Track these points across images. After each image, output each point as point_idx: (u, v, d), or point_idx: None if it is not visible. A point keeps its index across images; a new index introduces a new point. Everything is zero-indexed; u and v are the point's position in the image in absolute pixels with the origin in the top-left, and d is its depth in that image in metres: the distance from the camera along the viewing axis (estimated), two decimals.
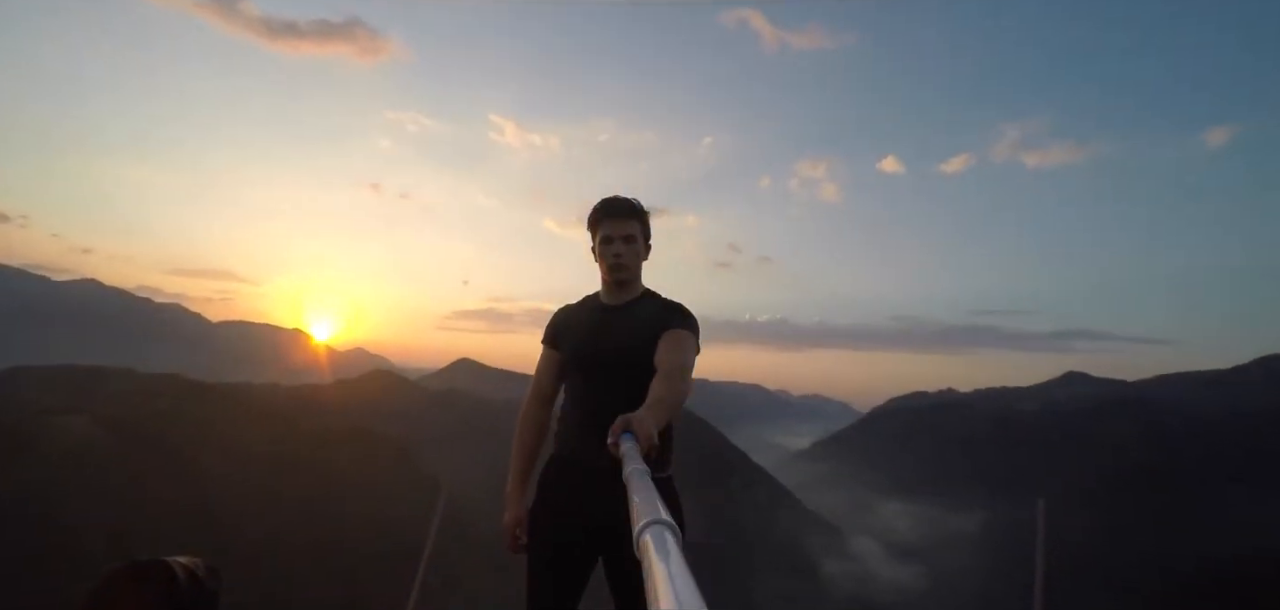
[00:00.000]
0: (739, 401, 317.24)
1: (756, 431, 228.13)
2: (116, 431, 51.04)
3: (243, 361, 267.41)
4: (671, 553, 0.82)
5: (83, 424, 50.46)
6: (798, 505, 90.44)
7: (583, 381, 2.17)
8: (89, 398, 55.65)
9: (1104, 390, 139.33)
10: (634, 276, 2.16)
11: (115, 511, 44.07)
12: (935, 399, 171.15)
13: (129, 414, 54.29)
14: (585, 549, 2.10)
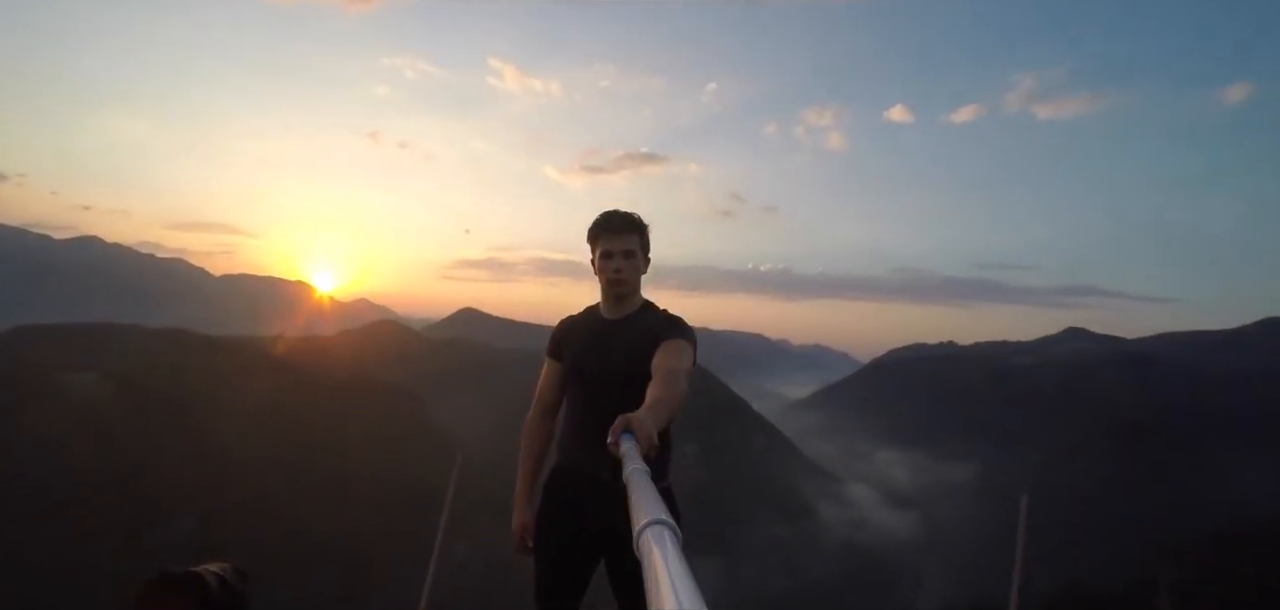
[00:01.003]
0: (740, 350, 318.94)
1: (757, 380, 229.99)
2: (126, 387, 51.91)
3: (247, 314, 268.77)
4: (671, 552, 0.83)
5: (92, 381, 51.27)
6: (796, 453, 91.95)
7: (583, 393, 2.24)
8: (97, 354, 56.29)
9: (1103, 347, 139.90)
10: (633, 290, 2.23)
11: (126, 465, 45.11)
12: (934, 351, 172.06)
13: (137, 369, 55.08)
14: (587, 551, 2.21)
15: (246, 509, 46.21)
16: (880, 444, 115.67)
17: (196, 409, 54.21)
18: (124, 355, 58.45)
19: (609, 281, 2.18)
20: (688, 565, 0.84)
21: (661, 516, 0.84)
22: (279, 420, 57.03)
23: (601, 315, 2.27)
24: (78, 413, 47.32)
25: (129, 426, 48.18)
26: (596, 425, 1.88)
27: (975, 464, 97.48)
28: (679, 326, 2.16)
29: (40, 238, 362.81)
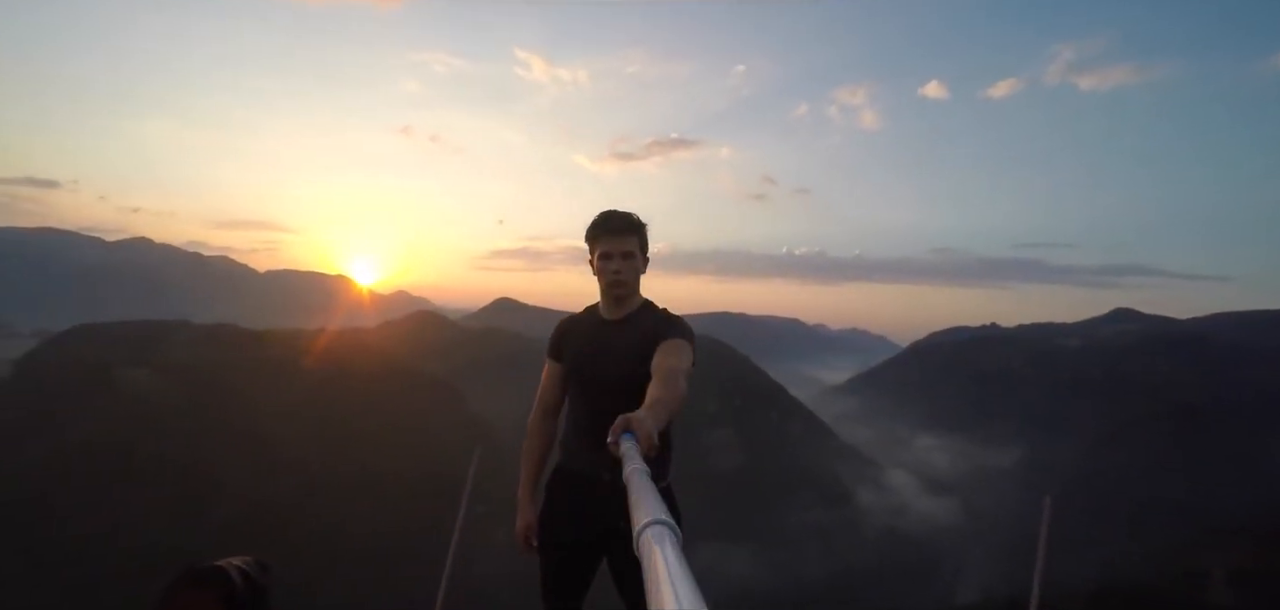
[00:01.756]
0: (776, 335, 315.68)
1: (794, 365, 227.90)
2: (179, 381, 53.80)
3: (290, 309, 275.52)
4: (671, 553, 0.84)
5: (145, 376, 53.30)
6: (833, 438, 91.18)
7: (583, 393, 2.26)
8: (149, 350, 58.33)
9: (1153, 327, 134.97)
10: (632, 291, 2.24)
11: (181, 452, 46.81)
12: (976, 333, 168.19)
13: (187, 364, 57.05)
14: (590, 550, 2.24)
15: (292, 495, 47.66)
16: (920, 429, 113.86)
17: (243, 400, 55.95)
18: (174, 351, 60.50)
19: (608, 283, 2.19)
20: (688, 565, 0.84)
21: (661, 517, 0.84)
22: (322, 410, 58.52)
23: (601, 315, 2.28)
24: (132, 406, 49.28)
25: (180, 418, 49.99)
26: (596, 425, 1.94)
27: (1018, 450, 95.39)
28: (678, 326, 2.16)
29: (93, 240, 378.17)
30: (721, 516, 63.47)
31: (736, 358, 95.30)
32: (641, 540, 0.84)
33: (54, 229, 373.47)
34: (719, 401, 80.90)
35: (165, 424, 48.74)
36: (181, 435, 48.31)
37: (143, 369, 54.02)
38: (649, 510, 0.84)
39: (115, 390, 50.64)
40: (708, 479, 70.10)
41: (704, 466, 72.13)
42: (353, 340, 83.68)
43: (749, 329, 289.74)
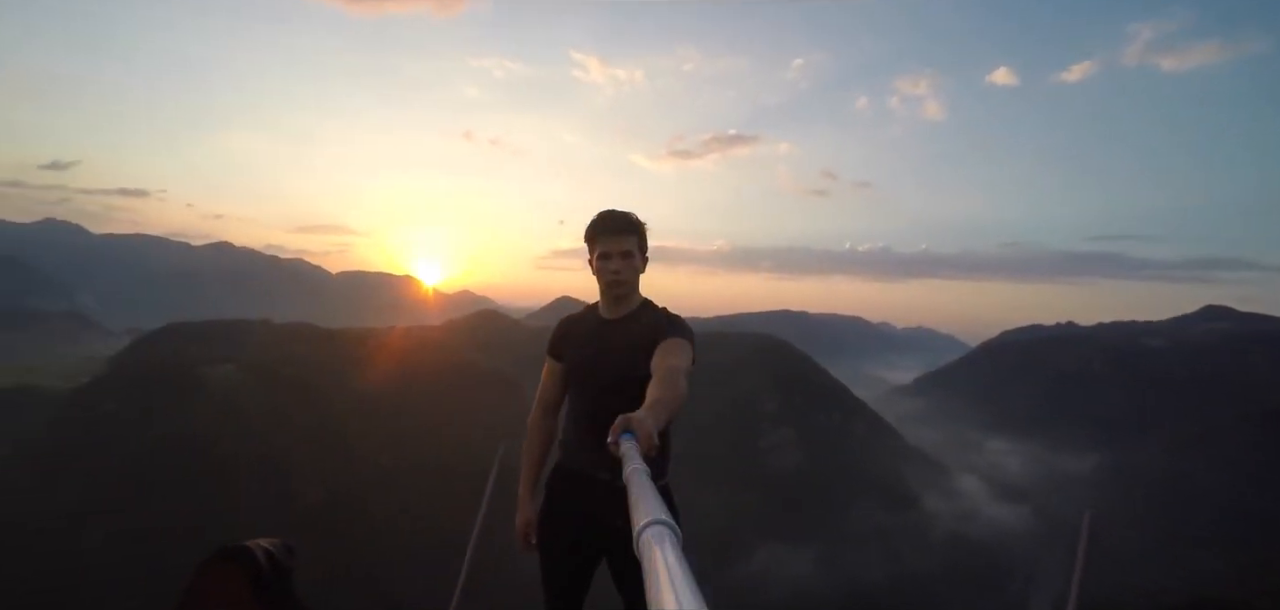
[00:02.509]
0: (839, 334, 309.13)
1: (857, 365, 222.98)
2: (259, 377, 56.60)
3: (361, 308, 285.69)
4: (671, 553, 0.84)
5: (229, 371, 56.24)
6: (899, 440, 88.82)
7: (582, 393, 2.27)
8: (233, 348, 61.52)
9: (1247, 326, 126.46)
10: (632, 290, 2.25)
11: (263, 445, 49.28)
12: (1052, 332, 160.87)
13: (268, 360, 59.99)
14: (589, 549, 2.25)
15: (365, 485, 49.62)
16: (991, 432, 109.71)
17: (319, 395, 58.46)
18: (256, 348, 63.67)
19: (607, 282, 2.20)
20: (688, 565, 0.84)
21: (662, 517, 0.84)
22: (391, 405, 60.64)
23: (601, 315, 2.29)
24: (218, 400, 52.10)
25: (260, 412, 52.60)
26: (596, 424, 2.03)
27: (1096, 455, 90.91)
28: (678, 325, 2.17)
29: (180, 245, 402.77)
30: (781, 517, 62.85)
31: (797, 356, 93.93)
32: (641, 540, 0.84)
33: (145, 235, 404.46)
34: (779, 401, 79.98)
35: (247, 418, 51.41)
36: (262, 428, 50.88)
37: (227, 365, 57.06)
38: (649, 510, 0.85)
39: (201, 385, 53.64)
40: (767, 479, 69.49)
41: (764, 466, 71.53)
42: (419, 338, 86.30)
43: (810, 327, 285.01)
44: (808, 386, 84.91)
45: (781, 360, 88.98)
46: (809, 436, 76.53)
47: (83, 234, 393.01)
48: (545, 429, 2.44)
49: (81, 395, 55.55)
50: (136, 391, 52.85)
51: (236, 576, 2.11)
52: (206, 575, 2.13)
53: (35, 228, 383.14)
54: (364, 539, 44.52)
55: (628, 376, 2.05)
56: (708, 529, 59.36)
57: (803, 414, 79.24)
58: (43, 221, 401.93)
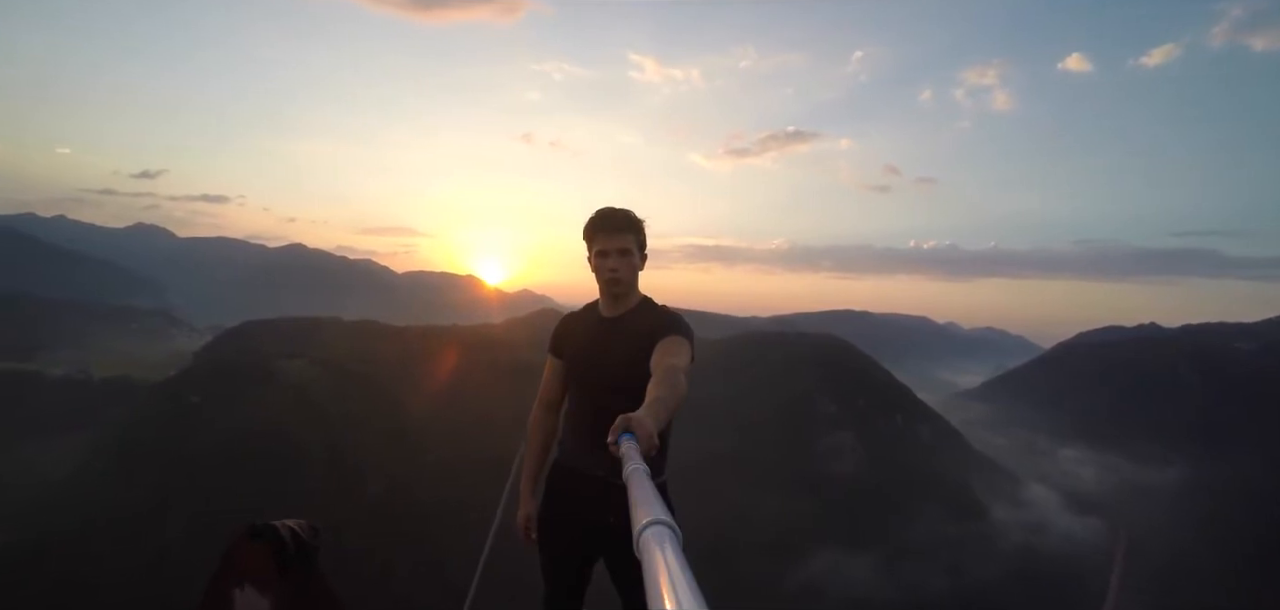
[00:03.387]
0: (903, 334, 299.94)
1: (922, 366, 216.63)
2: (330, 372, 58.93)
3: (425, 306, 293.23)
4: (671, 553, 0.83)
5: (302, 366, 58.72)
6: (965, 446, 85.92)
7: (581, 391, 2.28)
8: (306, 344, 64.19)
9: None
10: (630, 288, 2.26)
11: (333, 436, 51.29)
12: (1132, 334, 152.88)
13: (338, 356, 62.39)
14: (586, 548, 2.27)
15: (427, 475, 51.10)
16: (1064, 440, 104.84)
17: (387, 389, 60.46)
18: (327, 344, 66.28)
19: (605, 280, 2.22)
20: (688, 565, 0.84)
21: (662, 517, 0.84)
22: (455, 399, 62.21)
23: (600, 313, 2.30)
24: (292, 393, 54.47)
25: (331, 406, 54.74)
26: (594, 422, 2.08)
27: (1178, 467, 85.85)
28: (677, 324, 2.18)
29: (257, 247, 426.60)
30: (839, 523, 61.64)
31: (859, 357, 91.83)
32: (642, 540, 0.83)
33: (226, 238, 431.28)
34: (839, 403, 78.45)
35: (318, 409, 53.59)
36: (331, 420, 52.96)
37: (299, 361, 59.60)
38: (649, 510, 0.84)
39: (276, 379, 56.16)
40: (825, 483, 68.27)
41: (822, 470, 70.31)
42: (481, 335, 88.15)
43: (872, 327, 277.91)
44: (869, 389, 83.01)
45: (842, 361, 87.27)
46: (870, 440, 74.84)
47: (170, 237, 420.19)
48: (546, 425, 2.48)
49: (168, 387, 59.16)
50: (218, 384, 55.74)
51: (263, 552, 2.30)
52: (236, 550, 2.34)
53: (127, 232, 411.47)
54: (425, 528, 45.87)
55: (626, 374, 2.05)
56: (762, 532, 58.77)
57: (864, 417, 77.54)
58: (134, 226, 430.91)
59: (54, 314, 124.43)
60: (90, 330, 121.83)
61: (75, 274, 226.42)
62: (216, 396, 53.57)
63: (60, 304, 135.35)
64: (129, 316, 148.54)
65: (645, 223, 2.27)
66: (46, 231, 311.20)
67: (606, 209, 2.21)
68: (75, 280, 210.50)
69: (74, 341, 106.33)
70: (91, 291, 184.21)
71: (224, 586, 2.32)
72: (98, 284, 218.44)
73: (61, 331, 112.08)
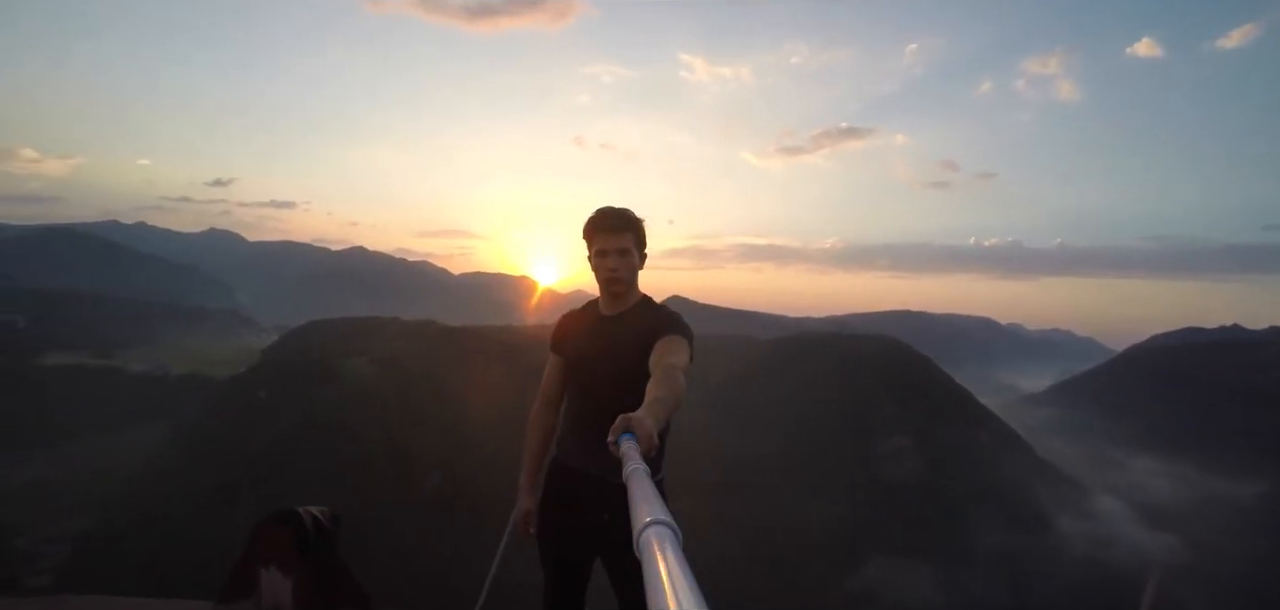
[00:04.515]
0: (964, 336, 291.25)
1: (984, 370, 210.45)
2: (390, 368, 60.59)
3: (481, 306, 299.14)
4: (672, 553, 0.83)
5: (364, 364, 60.52)
6: (1029, 453, 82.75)
7: (580, 388, 2.28)
8: (367, 343, 66.11)
9: None
10: (629, 287, 2.26)
11: (392, 430, 52.75)
12: (1213, 336, 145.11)
13: (398, 354, 64.08)
14: (585, 546, 2.26)
15: (482, 469, 52.02)
16: (1136, 449, 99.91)
17: (444, 387, 61.83)
18: (387, 343, 68.10)
19: (604, 279, 2.22)
20: (688, 565, 0.84)
21: (662, 517, 0.84)
22: (508, 398, 62.98)
23: (599, 311, 2.31)
24: (353, 389, 56.21)
25: (392, 400, 56.29)
26: (593, 420, 2.10)
27: (1261, 480, 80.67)
28: (676, 323, 2.16)
29: (321, 250, 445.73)
30: (896, 530, 60.17)
31: (917, 359, 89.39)
32: (642, 540, 0.83)
33: (291, 241, 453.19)
34: (897, 406, 76.58)
35: (378, 406, 55.17)
36: (390, 416, 54.47)
37: (361, 359, 61.48)
38: (650, 510, 0.84)
39: (339, 377, 58.04)
40: (882, 489, 66.71)
41: (878, 475, 68.74)
42: (534, 335, 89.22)
43: (932, 328, 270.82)
44: (928, 392, 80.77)
45: (899, 363, 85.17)
46: (928, 446, 72.81)
47: (240, 241, 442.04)
48: (545, 422, 2.47)
49: (238, 382, 61.92)
50: (284, 380, 58.02)
51: (286, 536, 2.47)
52: (263, 533, 2.50)
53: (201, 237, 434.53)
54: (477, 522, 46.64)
55: (625, 372, 2.05)
56: (816, 536, 57.80)
57: (922, 421, 75.48)
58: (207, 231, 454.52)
59: (134, 314, 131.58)
60: (167, 329, 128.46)
61: (154, 276, 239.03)
62: (283, 392, 55.73)
63: (140, 304, 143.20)
64: (202, 316, 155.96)
65: (644, 222, 2.26)
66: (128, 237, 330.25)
67: (605, 208, 2.21)
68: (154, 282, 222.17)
69: (152, 339, 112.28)
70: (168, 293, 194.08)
71: (251, 566, 2.47)
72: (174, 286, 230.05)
73: (141, 330, 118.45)
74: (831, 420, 74.42)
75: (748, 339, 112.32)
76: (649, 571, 0.83)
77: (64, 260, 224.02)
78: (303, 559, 2.47)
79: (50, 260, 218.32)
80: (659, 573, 0.83)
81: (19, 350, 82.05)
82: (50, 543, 45.43)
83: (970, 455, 74.90)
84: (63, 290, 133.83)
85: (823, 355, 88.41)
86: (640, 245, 2.25)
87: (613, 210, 2.20)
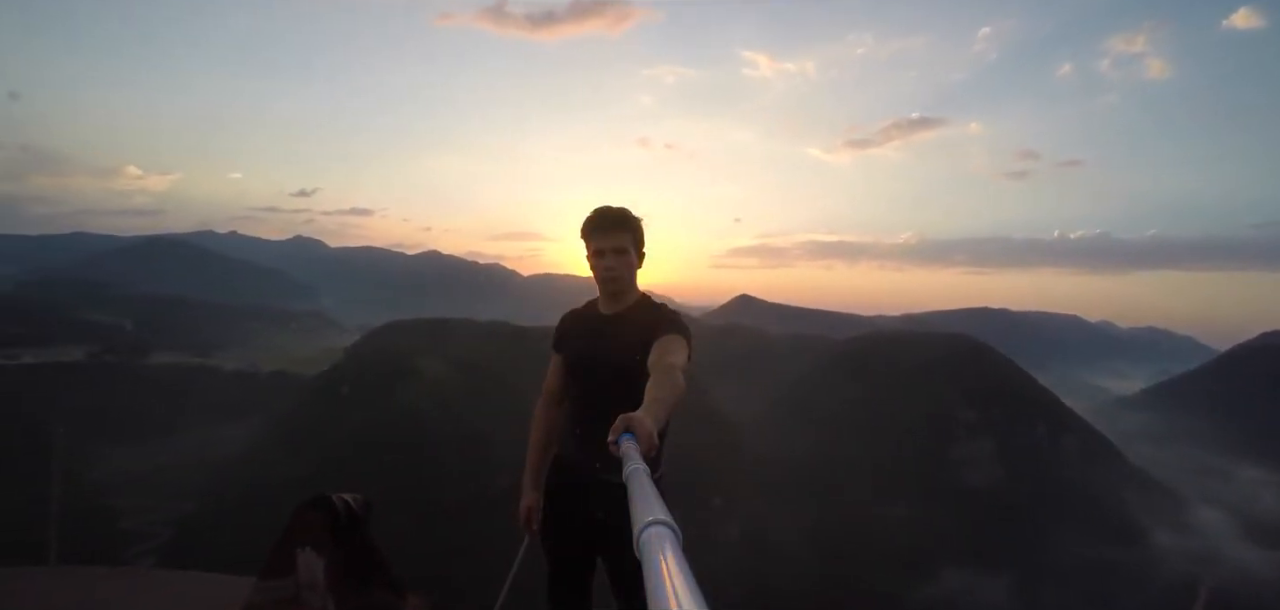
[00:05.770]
0: (1049, 334, 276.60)
1: (1071, 371, 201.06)
2: (463, 368, 62.40)
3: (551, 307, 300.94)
4: (672, 553, 0.83)
5: (438, 364, 62.53)
6: (1121, 461, 78.20)
7: (579, 387, 2.31)
8: (441, 343, 68.23)
9: None
10: (627, 286, 2.27)
11: (464, 427, 54.31)
12: None
13: (470, 355, 65.90)
14: (584, 544, 2.26)
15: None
16: (1242, 457, 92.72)
17: (515, 386, 63.06)
18: (460, 343, 70.07)
19: (602, 278, 2.24)
20: (689, 565, 0.83)
21: (662, 517, 0.83)
22: None
23: (598, 310, 2.34)
24: (428, 387, 58.23)
25: (465, 399, 57.94)
26: (591, 418, 2.14)
27: None
28: (674, 322, 2.16)
29: (397, 255, 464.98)
30: (974, 539, 57.95)
31: (998, 360, 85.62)
32: (643, 539, 0.83)
33: (370, 246, 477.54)
34: (976, 410, 73.61)
35: (451, 403, 56.95)
36: (463, 413, 56.08)
37: (435, 358, 63.51)
38: (650, 510, 0.85)
39: (415, 375, 60.19)
40: (959, 496, 64.35)
41: (955, 481, 66.33)
42: None
43: (1014, 327, 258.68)
44: (1009, 394, 77.25)
45: (979, 364, 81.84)
46: (1010, 451, 69.79)
47: (323, 247, 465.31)
48: (548, 419, 2.51)
49: (322, 379, 65.22)
50: (364, 377, 60.62)
51: (320, 520, 2.67)
52: (299, 517, 2.71)
53: (288, 243, 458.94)
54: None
55: (623, 370, 2.07)
56: (886, 544, 56.22)
57: (1003, 425, 72.37)
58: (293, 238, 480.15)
59: (228, 317, 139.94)
60: (257, 330, 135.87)
61: (245, 282, 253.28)
62: (362, 389, 58.24)
63: (233, 308, 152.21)
64: (289, 318, 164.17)
65: (642, 221, 2.28)
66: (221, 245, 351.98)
67: (603, 208, 2.24)
68: (245, 287, 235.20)
69: (244, 340, 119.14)
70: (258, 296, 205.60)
71: (288, 547, 2.69)
72: (263, 290, 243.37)
73: (234, 331, 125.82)
74: (906, 423, 72.20)
75: (819, 338, 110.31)
76: (649, 571, 0.83)
77: (165, 268, 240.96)
78: (335, 541, 2.65)
79: (153, 268, 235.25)
80: (659, 573, 0.83)
81: (128, 351, 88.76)
82: (154, 525, 49.20)
83: (1054, 462, 71.40)
84: (165, 295, 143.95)
85: (897, 355, 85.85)
86: (638, 245, 2.27)
87: (609, 210, 2.23)
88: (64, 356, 79.93)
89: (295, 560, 2.66)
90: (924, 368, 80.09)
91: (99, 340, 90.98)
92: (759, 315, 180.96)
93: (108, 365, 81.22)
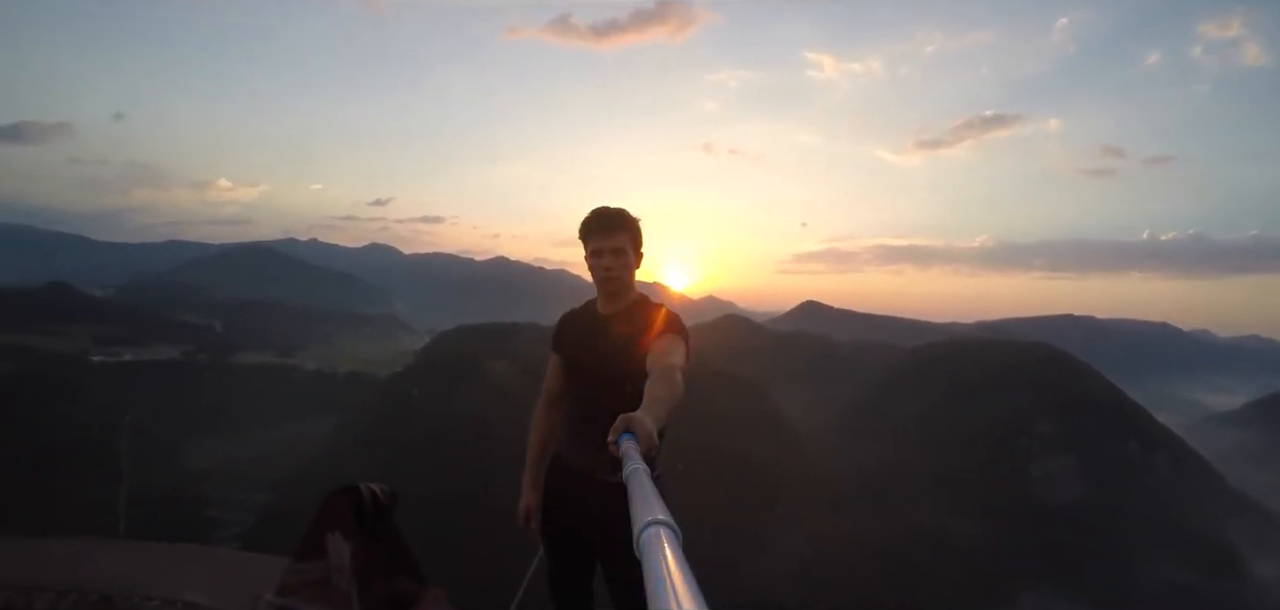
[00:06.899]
0: (1138, 344, 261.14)
1: (1163, 384, 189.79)
2: (529, 371, 63.42)
3: None
4: (672, 552, 0.83)
5: (504, 367, 63.87)
6: (1218, 481, 73.11)
7: (577, 387, 2.33)
8: (508, 346, 69.66)
9: None
10: (625, 286, 2.28)
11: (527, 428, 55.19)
12: None
13: (537, 358, 66.71)
14: (583, 543, 2.28)
15: None
16: None
17: None
18: (527, 346, 71.15)
19: (600, 279, 2.24)
20: (689, 565, 0.83)
21: (662, 516, 0.84)
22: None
23: (597, 310, 2.34)
24: (495, 389, 59.58)
25: (529, 400, 58.15)
26: (590, 418, 2.15)
27: None
28: (672, 322, 2.18)
29: (466, 261, 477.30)
30: (1054, 559, 55.25)
31: (1081, 370, 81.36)
32: (643, 539, 0.83)
33: (441, 253, 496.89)
34: (1058, 423, 70.16)
35: (517, 404, 57.87)
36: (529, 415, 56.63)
37: (502, 361, 64.92)
38: (650, 510, 0.84)
39: (482, 377, 61.69)
40: (1038, 514, 61.43)
41: (1034, 499, 63.36)
42: None
43: (1099, 335, 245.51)
44: (1093, 407, 73.26)
45: (1059, 374, 78.04)
46: (1094, 468, 66.21)
47: (397, 254, 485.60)
48: (547, 420, 2.55)
49: (395, 381, 67.61)
50: (435, 380, 62.63)
51: (347, 507, 2.76)
52: (329, 504, 2.82)
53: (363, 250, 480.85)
54: None
55: (621, 370, 2.08)
56: (958, 561, 54.14)
57: (1086, 440, 68.70)
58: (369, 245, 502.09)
59: (308, 319, 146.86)
60: (335, 333, 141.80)
61: (324, 287, 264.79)
62: (433, 390, 60.20)
63: (313, 311, 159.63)
64: (365, 322, 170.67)
65: (640, 221, 2.29)
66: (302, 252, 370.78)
67: (600, 208, 2.25)
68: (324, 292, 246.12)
69: (323, 342, 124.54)
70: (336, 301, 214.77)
71: (319, 533, 2.80)
72: (341, 294, 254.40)
73: (313, 333, 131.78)
74: (981, 435, 69.46)
75: (889, 345, 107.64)
76: (649, 571, 0.83)
77: (252, 273, 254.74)
78: (361, 528, 2.74)
79: (241, 273, 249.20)
80: (659, 572, 0.83)
81: (217, 350, 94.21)
82: (238, 512, 52.14)
83: (1142, 480, 67.30)
84: (251, 299, 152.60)
85: (971, 363, 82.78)
86: (636, 245, 2.29)
87: (607, 210, 2.25)
88: (160, 355, 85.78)
89: (325, 543, 2.77)
90: (999, 377, 76.99)
91: (191, 340, 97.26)
92: (826, 321, 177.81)
93: (199, 364, 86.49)
